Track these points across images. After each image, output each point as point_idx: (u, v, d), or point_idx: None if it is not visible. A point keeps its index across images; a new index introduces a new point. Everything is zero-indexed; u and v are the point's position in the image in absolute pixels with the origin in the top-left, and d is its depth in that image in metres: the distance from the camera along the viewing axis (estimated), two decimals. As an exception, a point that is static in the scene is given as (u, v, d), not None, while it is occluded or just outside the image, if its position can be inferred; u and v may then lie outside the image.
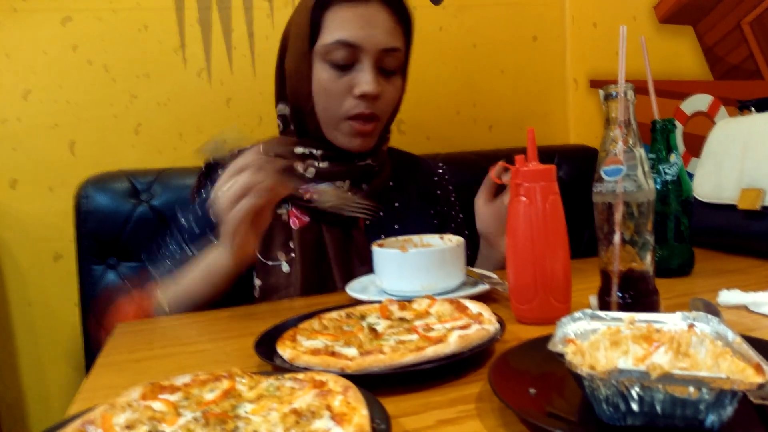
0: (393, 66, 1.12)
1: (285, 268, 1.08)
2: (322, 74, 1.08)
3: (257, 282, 1.08)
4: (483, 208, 1.10)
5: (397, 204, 1.20)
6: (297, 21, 1.12)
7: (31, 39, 1.46)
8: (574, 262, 0.81)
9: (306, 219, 1.12)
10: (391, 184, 1.21)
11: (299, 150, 1.13)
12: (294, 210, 1.13)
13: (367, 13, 1.07)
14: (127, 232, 1.38)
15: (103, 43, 1.50)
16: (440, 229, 1.21)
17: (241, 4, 1.59)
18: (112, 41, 1.51)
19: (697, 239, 1.04)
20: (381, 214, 1.13)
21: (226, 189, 0.88)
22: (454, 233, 1.16)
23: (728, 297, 0.81)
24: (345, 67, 1.08)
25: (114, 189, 1.40)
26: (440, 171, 1.33)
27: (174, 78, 1.56)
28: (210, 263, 0.98)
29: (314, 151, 1.13)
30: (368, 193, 1.15)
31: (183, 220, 1.14)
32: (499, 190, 1.08)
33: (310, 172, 1.13)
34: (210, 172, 1.17)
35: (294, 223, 1.11)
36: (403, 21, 1.13)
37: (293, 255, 1.08)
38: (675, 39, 1.49)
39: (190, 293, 1.00)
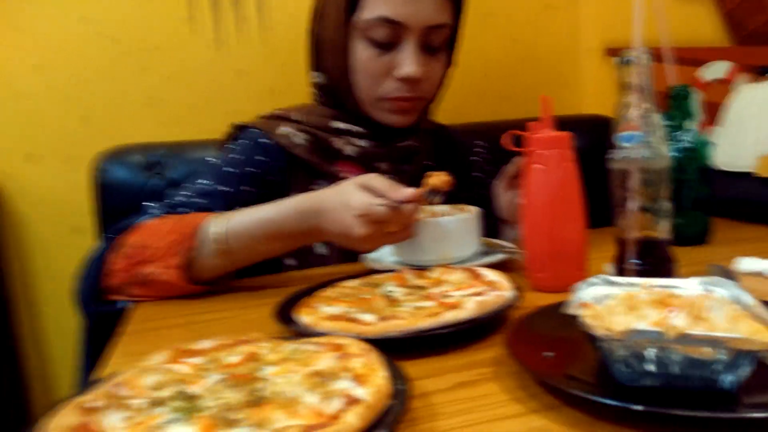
0: (439, 42, 1.04)
1: (321, 249, 1.05)
2: (361, 52, 1.02)
3: (290, 261, 1.05)
4: (501, 195, 1.09)
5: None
6: None
7: (40, 12, 1.46)
8: (590, 232, 0.81)
9: None
10: (430, 164, 1.16)
11: (337, 125, 1.08)
12: None
13: None
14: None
15: (112, 14, 1.49)
16: None
17: (250, -26, 1.57)
18: (120, 13, 1.50)
19: (714, 208, 1.04)
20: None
21: (380, 236, 0.83)
22: (492, 218, 1.16)
23: (745, 264, 0.81)
24: (386, 45, 1.00)
25: (128, 162, 1.40)
26: (478, 150, 1.29)
27: (184, 50, 1.55)
28: (288, 226, 0.87)
29: (353, 128, 1.08)
30: (410, 174, 1.09)
31: (214, 163, 1.07)
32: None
33: (350, 151, 1.08)
34: (237, 132, 1.13)
35: None
36: None
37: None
38: (693, 4, 1.46)
39: (259, 251, 0.90)
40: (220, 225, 0.87)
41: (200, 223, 0.88)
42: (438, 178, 0.86)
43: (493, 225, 1.18)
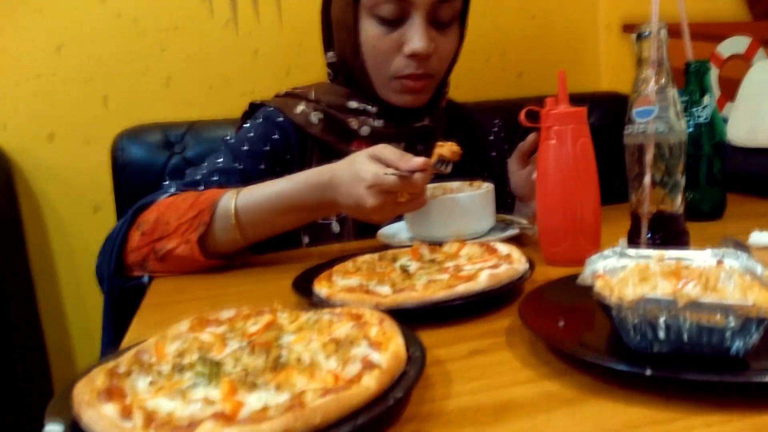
0: (448, 17, 1.03)
1: (336, 227, 1.06)
2: (369, 30, 1.01)
3: (305, 239, 1.07)
4: (515, 172, 1.09)
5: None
6: None
7: (61, -7, 1.48)
8: (604, 209, 0.81)
9: None
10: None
11: (353, 104, 1.09)
12: None
13: None
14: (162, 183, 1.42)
15: (132, -5, 1.51)
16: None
17: (267, -47, 1.57)
18: (140, -7, 1.52)
19: (730, 184, 1.04)
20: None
21: (391, 204, 0.84)
22: (509, 195, 1.16)
23: (760, 238, 0.82)
24: (394, 22, 1.00)
25: (148, 141, 1.43)
26: (495, 129, 1.29)
27: (202, 30, 1.56)
28: (303, 200, 0.88)
29: (368, 107, 1.08)
30: (425, 154, 1.10)
31: (232, 141, 1.07)
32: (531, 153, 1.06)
33: (365, 131, 1.08)
34: (254, 110, 1.15)
35: None
36: None
37: (344, 214, 1.05)
38: (712, -22, 1.44)
39: (274, 226, 0.91)
40: (235, 199, 0.89)
41: (216, 198, 0.89)
42: (447, 148, 0.86)
43: (508, 202, 1.19)
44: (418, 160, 0.81)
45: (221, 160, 1.04)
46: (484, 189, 0.94)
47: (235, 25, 1.58)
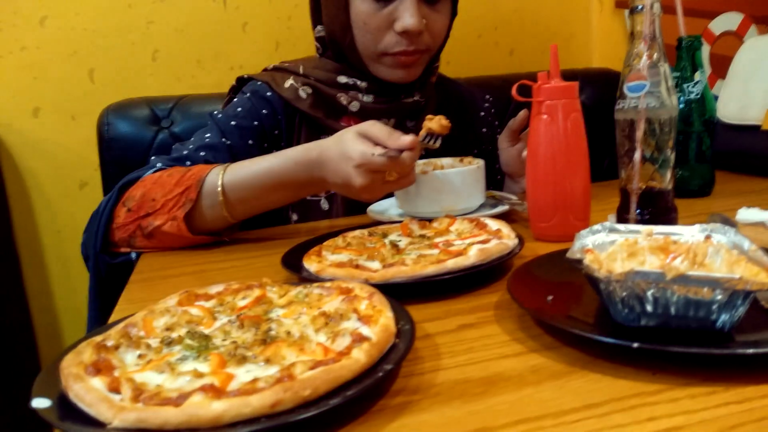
0: None
1: (324, 204, 1.06)
2: (360, 6, 1.00)
3: (293, 216, 1.07)
4: (505, 150, 1.09)
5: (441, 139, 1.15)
6: None
7: (45, -37, 1.44)
8: (593, 186, 0.82)
9: None
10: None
11: (342, 79, 1.07)
12: None
13: None
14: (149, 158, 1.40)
15: (118, -33, 1.48)
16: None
17: (256, -76, 1.54)
18: (126, -35, 1.48)
19: (719, 161, 1.04)
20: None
21: (380, 181, 0.82)
22: (499, 172, 1.16)
23: (747, 214, 0.82)
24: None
25: (135, 116, 1.41)
26: (486, 105, 1.28)
27: (190, 3, 1.53)
28: (291, 177, 0.87)
29: (358, 83, 1.07)
30: (416, 130, 1.10)
31: (220, 116, 1.06)
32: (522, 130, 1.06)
33: (354, 106, 1.07)
34: (241, 85, 1.13)
35: None
36: None
37: (333, 191, 1.04)
38: (706, -46, 1.43)
39: (261, 202, 0.90)
40: (222, 175, 0.88)
41: (203, 174, 0.89)
42: (436, 122, 0.85)
43: (498, 178, 1.19)
44: (406, 139, 0.80)
45: (209, 135, 1.03)
46: (475, 165, 0.93)
47: (224, -1, 1.55)
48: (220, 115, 1.07)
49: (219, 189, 0.87)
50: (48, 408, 0.40)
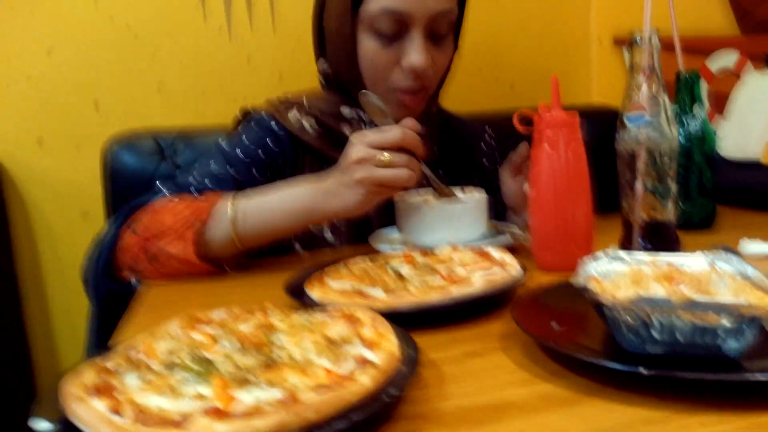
0: (445, 29, 1.03)
1: (329, 236, 1.05)
2: (367, 43, 1.01)
3: (297, 247, 1.06)
4: (507, 182, 1.09)
5: (441, 172, 1.14)
6: None
7: (54, -3, 1.47)
8: (596, 219, 0.82)
9: None
10: (435, 150, 1.16)
11: (345, 111, 1.08)
12: None
13: None
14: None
15: (126, 1, 1.51)
16: None
17: (261, -39, 1.58)
18: (134, -1, 1.51)
19: (720, 196, 1.04)
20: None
21: (377, 163, 0.84)
22: (501, 204, 1.16)
23: (750, 247, 0.82)
24: (392, 36, 1.00)
25: (139, 147, 1.42)
26: (486, 137, 1.29)
27: (195, 35, 1.56)
28: (300, 201, 0.89)
29: (361, 115, 1.08)
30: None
31: (225, 146, 1.07)
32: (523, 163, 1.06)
33: None
34: (246, 117, 1.14)
35: None
36: None
37: (337, 223, 1.04)
38: (702, -6, 1.47)
39: (266, 210, 0.90)
40: (232, 200, 0.89)
41: (215, 201, 0.89)
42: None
43: (500, 209, 1.19)
44: (404, 124, 0.86)
45: (213, 164, 1.04)
46: (478, 196, 0.94)
47: (229, 32, 1.58)
48: (225, 146, 1.08)
49: (230, 213, 0.88)
50: (48, 431, 0.40)
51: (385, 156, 0.83)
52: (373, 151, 0.84)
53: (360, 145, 0.85)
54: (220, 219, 0.88)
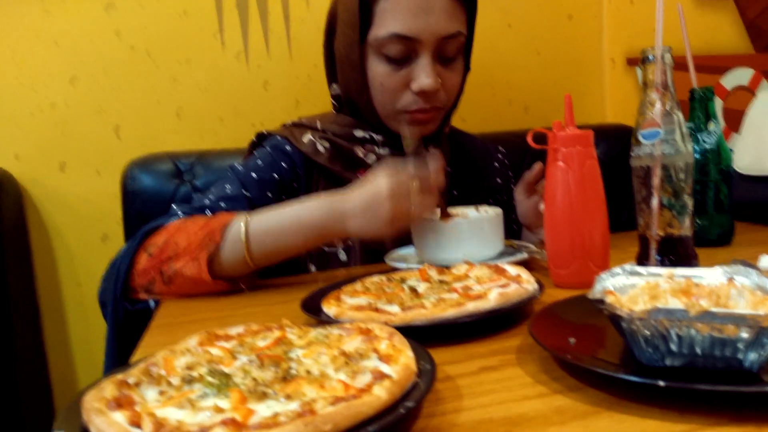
0: (454, 51, 1.04)
1: (342, 256, 1.06)
2: (376, 68, 1.03)
3: (312, 268, 1.07)
4: (522, 202, 1.10)
5: (455, 192, 1.17)
6: (344, 3, 1.05)
7: (77, 26, 1.51)
8: (612, 236, 0.81)
9: None
10: (449, 170, 1.18)
11: (359, 134, 1.10)
12: None
13: None
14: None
15: (145, 29, 1.55)
16: None
17: (278, -11, 1.62)
18: (153, 27, 1.55)
19: (737, 212, 1.04)
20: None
21: (414, 203, 0.87)
22: (515, 222, 1.17)
23: (769, 262, 0.81)
24: (401, 60, 1.01)
25: (158, 170, 1.44)
26: (500, 156, 1.30)
27: (213, 62, 1.59)
28: (313, 218, 0.90)
29: (374, 136, 1.10)
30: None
31: (240, 168, 1.09)
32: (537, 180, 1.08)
33: (371, 159, 1.09)
34: (261, 140, 1.16)
35: None
36: None
37: (350, 242, 1.05)
38: (715, 13, 1.47)
39: (284, 246, 0.92)
40: (245, 220, 0.90)
41: (227, 220, 0.91)
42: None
43: (514, 228, 1.19)
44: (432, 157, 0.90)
45: (229, 186, 1.05)
46: (493, 213, 0.94)
47: (246, 58, 1.61)
48: (240, 168, 1.09)
49: (242, 231, 0.89)
50: (69, 442, 0.40)
51: (416, 192, 0.86)
52: (406, 187, 0.86)
53: (394, 177, 0.87)
54: (233, 239, 0.89)
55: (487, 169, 1.27)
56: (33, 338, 1.52)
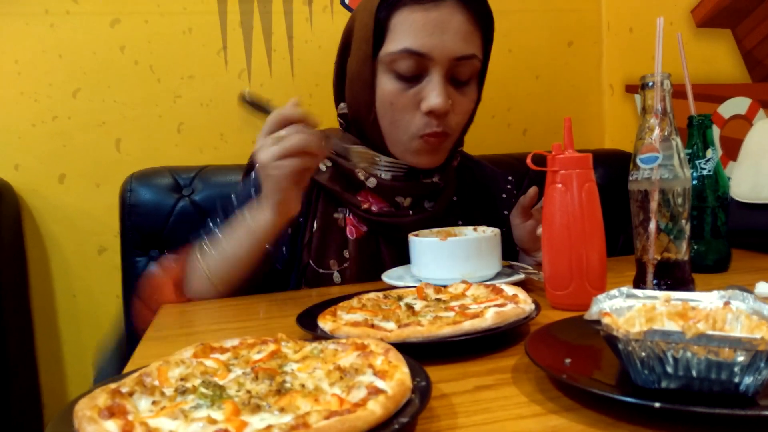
0: (467, 75, 1.02)
1: (337, 278, 1.05)
2: (386, 85, 1.00)
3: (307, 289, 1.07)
4: (518, 226, 1.09)
5: (460, 222, 1.14)
6: (361, 20, 1.03)
7: (82, 40, 1.53)
8: (609, 260, 0.81)
9: (363, 229, 1.08)
10: (455, 198, 1.16)
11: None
12: (351, 218, 1.09)
13: (439, 16, 0.97)
14: (169, 225, 1.42)
15: (150, 44, 1.57)
16: None
17: (282, 9, 1.64)
18: (158, 43, 1.57)
19: (734, 240, 1.04)
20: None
21: (270, 144, 0.86)
22: (514, 247, 1.16)
23: (766, 288, 0.81)
24: (412, 78, 0.99)
25: (157, 183, 1.45)
26: (509, 187, 1.27)
27: (216, 79, 1.61)
28: (251, 221, 0.93)
29: (377, 158, 1.07)
30: (433, 212, 1.09)
31: (233, 197, 1.11)
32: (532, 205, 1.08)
33: (371, 182, 1.07)
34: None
35: (351, 233, 1.08)
36: (482, 23, 1.03)
37: (346, 265, 1.05)
38: (712, 43, 1.49)
39: (231, 253, 0.96)
40: (203, 248, 0.99)
41: (191, 251, 1.00)
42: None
43: (515, 258, 1.19)
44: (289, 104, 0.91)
45: (228, 209, 1.07)
46: (491, 233, 0.94)
47: (249, 76, 1.63)
48: (240, 188, 1.10)
49: (200, 260, 0.98)
50: (59, 450, 0.40)
51: (280, 133, 0.87)
52: (266, 138, 0.88)
53: (257, 144, 0.90)
54: (193, 267, 0.98)
55: (495, 202, 1.25)
56: (25, 348, 1.51)
